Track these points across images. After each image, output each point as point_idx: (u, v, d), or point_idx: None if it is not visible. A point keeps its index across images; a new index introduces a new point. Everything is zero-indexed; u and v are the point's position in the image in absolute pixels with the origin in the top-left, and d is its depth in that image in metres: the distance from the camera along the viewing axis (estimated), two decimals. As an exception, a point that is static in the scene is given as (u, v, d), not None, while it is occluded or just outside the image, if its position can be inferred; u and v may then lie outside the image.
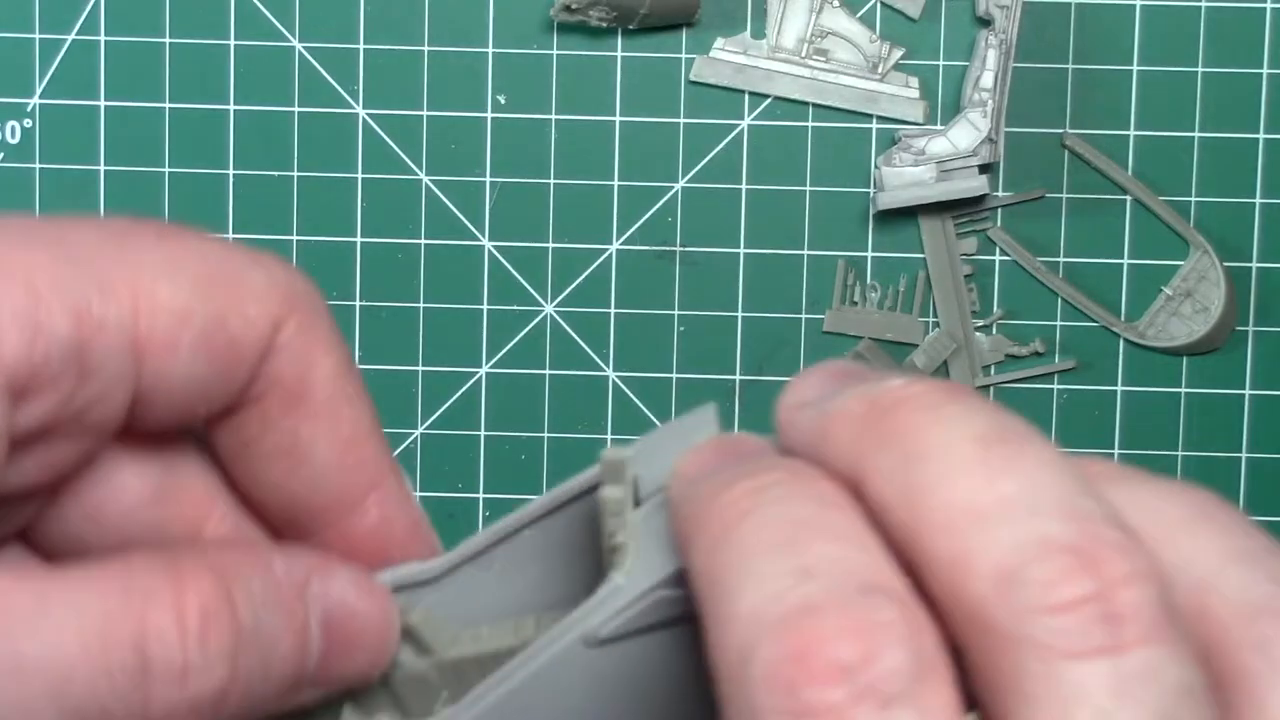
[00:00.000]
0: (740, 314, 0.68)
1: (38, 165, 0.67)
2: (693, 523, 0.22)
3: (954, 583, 0.20)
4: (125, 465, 0.27)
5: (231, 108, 0.67)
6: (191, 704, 0.23)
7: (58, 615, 0.22)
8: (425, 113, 0.67)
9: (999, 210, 0.67)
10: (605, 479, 0.25)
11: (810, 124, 0.67)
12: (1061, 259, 0.67)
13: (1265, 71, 0.67)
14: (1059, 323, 0.68)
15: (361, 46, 0.66)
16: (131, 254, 0.24)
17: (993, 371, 0.68)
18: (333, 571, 0.25)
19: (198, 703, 0.23)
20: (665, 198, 0.67)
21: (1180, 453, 0.68)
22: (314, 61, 0.67)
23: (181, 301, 0.24)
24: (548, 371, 0.68)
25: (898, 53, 0.67)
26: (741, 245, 0.67)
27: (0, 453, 0.23)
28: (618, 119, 0.67)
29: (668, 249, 0.68)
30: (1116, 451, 0.68)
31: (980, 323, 0.68)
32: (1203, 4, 0.67)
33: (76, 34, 0.66)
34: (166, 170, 0.67)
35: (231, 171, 0.67)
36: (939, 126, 0.66)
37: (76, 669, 0.22)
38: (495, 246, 0.67)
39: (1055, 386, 0.68)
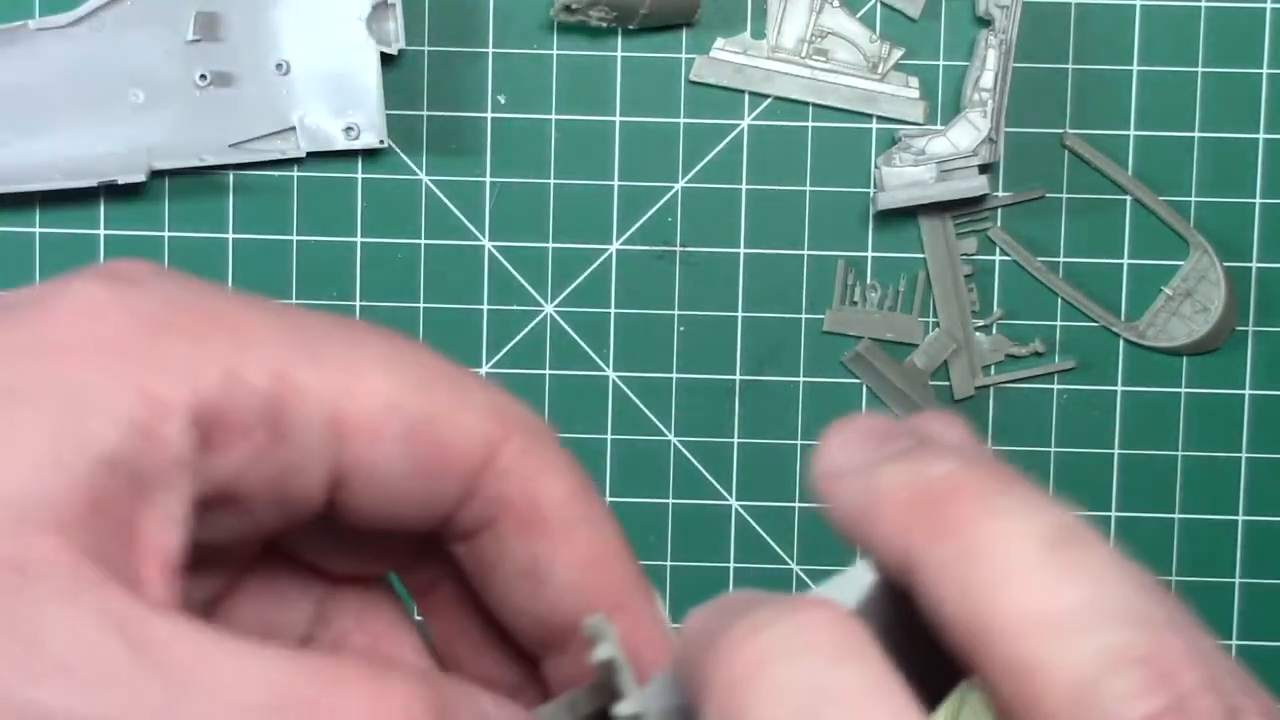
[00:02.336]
0: (740, 314, 0.68)
1: (38, 165, 0.67)
2: (699, 683, 0.21)
3: (1026, 692, 0.20)
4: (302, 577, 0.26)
5: (231, 108, 0.67)
6: None
7: (238, 669, 0.21)
8: (425, 113, 0.67)
9: (999, 210, 0.67)
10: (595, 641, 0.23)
11: (810, 124, 0.67)
12: (1061, 259, 0.67)
13: (1265, 71, 0.67)
14: (1059, 323, 0.68)
15: (361, 46, 0.67)
16: (348, 338, 0.24)
17: (993, 371, 0.68)
18: None
19: None
20: (665, 198, 0.67)
21: (1180, 453, 0.68)
22: (314, 61, 0.67)
23: (392, 392, 0.24)
24: (548, 371, 0.68)
25: (898, 53, 0.67)
26: (741, 245, 0.67)
27: (183, 493, 0.22)
28: (618, 119, 0.67)
29: (668, 249, 0.68)
30: (1116, 451, 0.68)
31: (980, 323, 0.68)
32: (1203, 4, 0.67)
33: None
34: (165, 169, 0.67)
35: (231, 175, 0.67)
36: (939, 126, 0.66)
37: None
38: (495, 246, 0.67)
39: (1055, 386, 0.68)
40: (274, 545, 0.26)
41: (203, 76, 0.66)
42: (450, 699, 0.22)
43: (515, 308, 0.68)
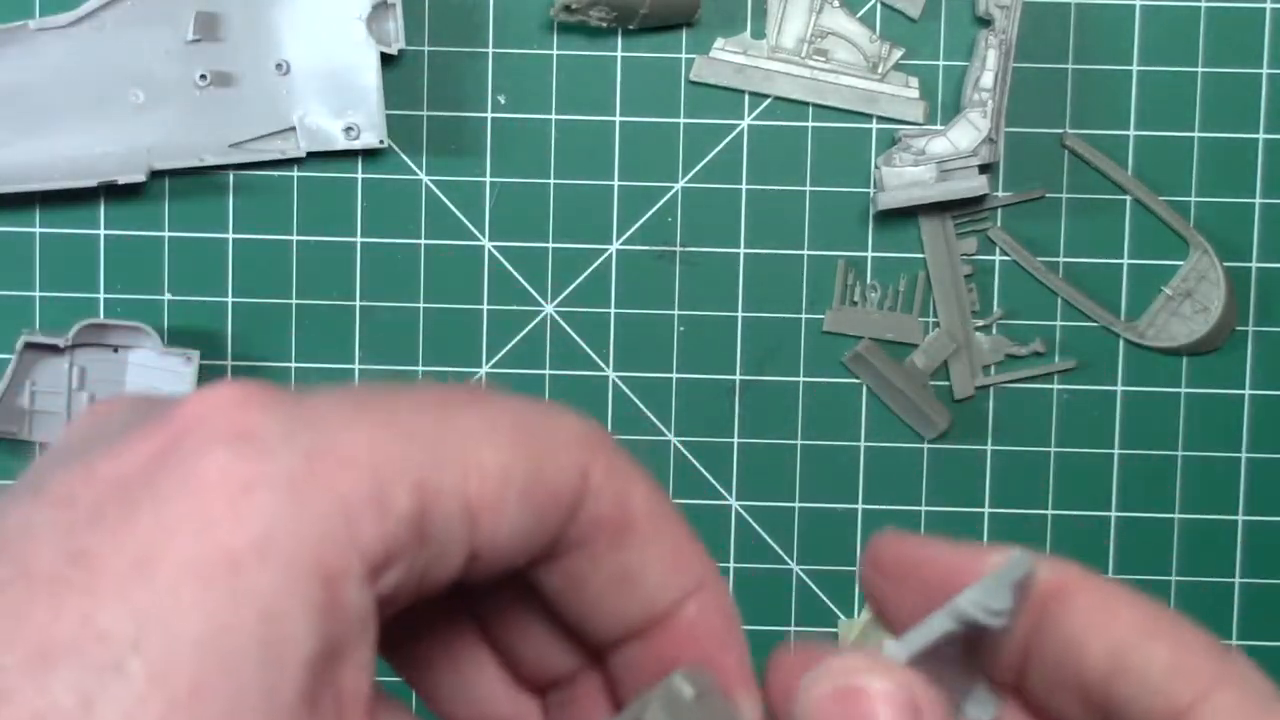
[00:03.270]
0: (740, 314, 0.68)
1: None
2: None
3: None
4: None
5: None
6: None
7: None
8: (425, 113, 0.67)
9: (999, 210, 0.67)
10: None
11: (810, 124, 0.67)
12: (1061, 259, 0.67)
13: (1265, 71, 0.67)
14: (1059, 323, 0.68)
15: (361, 46, 0.67)
16: (454, 421, 0.25)
17: (993, 371, 0.68)
18: None
19: None
20: (665, 198, 0.67)
21: (1180, 452, 0.68)
22: (314, 61, 0.67)
23: (504, 462, 0.25)
24: (548, 371, 0.68)
25: (898, 53, 0.67)
26: (741, 245, 0.67)
27: (369, 639, 0.23)
28: (618, 119, 0.67)
29: (668, 249, 0.68)
30: (1116, 451, 0.68)
31: (980, 323, 0.68)
32: (1203, 4, 0.67)
33: None
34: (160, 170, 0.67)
35: (231, 175, 0.67)
36: (939, 126, 0.66)
37: None
38: (495, 246, 0.67)
39: (1055, 386, 0.68)
40: None
41: (203, 76, 0.66)
42: None
43: (515, 308, 0.68)
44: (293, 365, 0.68)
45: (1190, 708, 0.25)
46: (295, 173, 0.67)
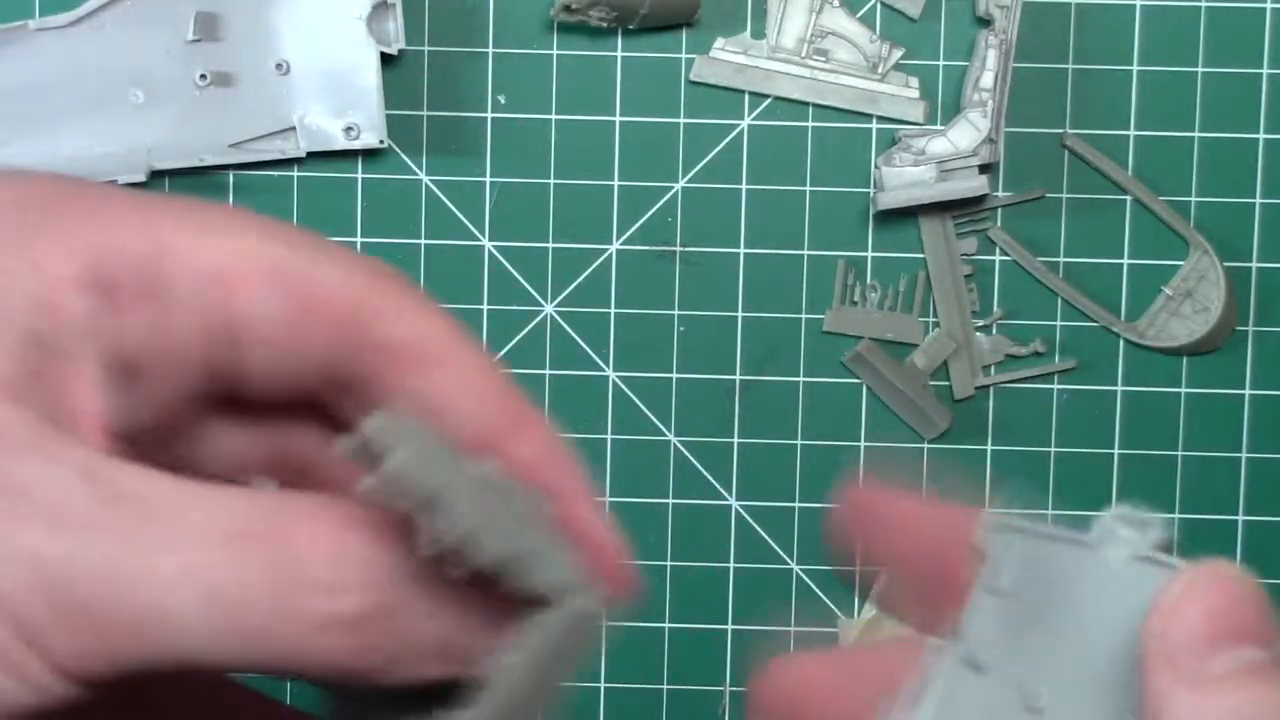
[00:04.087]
0: (740, 314, 0.68)
1: (38, 165, 0.67)
2: None
3: None
4: (239, 428, 0.28)
5: (231, 108, 0.67)
6: (337, 622, 0.23)
7: (203, 507, 0.23)
8: (425, 113, 0.67)
9: (999, 210, 0.67)
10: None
11: (810, 124, 0.67)
12: (1061, 259, 0.67)
13: (1265, 71, 0.67)
14: (1059, 323, 0.68)
15: (361, 46, 0.66)
16: (219, 210, 0.26)
17: (993, 371, 0.68)
18: None
19: (343, 621, 0.23)
20: (665, 198, 0.67)
21: (1180, 453, 0.68)
22: (314, 61, 0.67)
23: (266, 249, 0.25)
24: (548, 371, 0.68)
25: (898, 53, 0.67)
26: (741, 245, 0.67)
27: (93, 355, 0.24)
28: (618, 119, 0.67)
29: (668, 249, 0.68)
30: (1116, 451, 0.68)
31: (980, 323, 0.68)
32: (1203, 4, 0.67)
33: (76, 34, 0.66)
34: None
35: (231, 175, 0.67)
36: (939, 126, 0.66)
37: (215, 560, 0.22)
38: (495, 246, 0.67)
39: (1055, 386, 0.68)
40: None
41: (203, 76, 0.66)
42: (388, 525, 0.24)
43: (515, 308, 0.68)
44: (293, 365, 0.67)
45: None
46: (295, 173, 0.67)
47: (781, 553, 0.68)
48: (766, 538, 0.68)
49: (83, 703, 0.23)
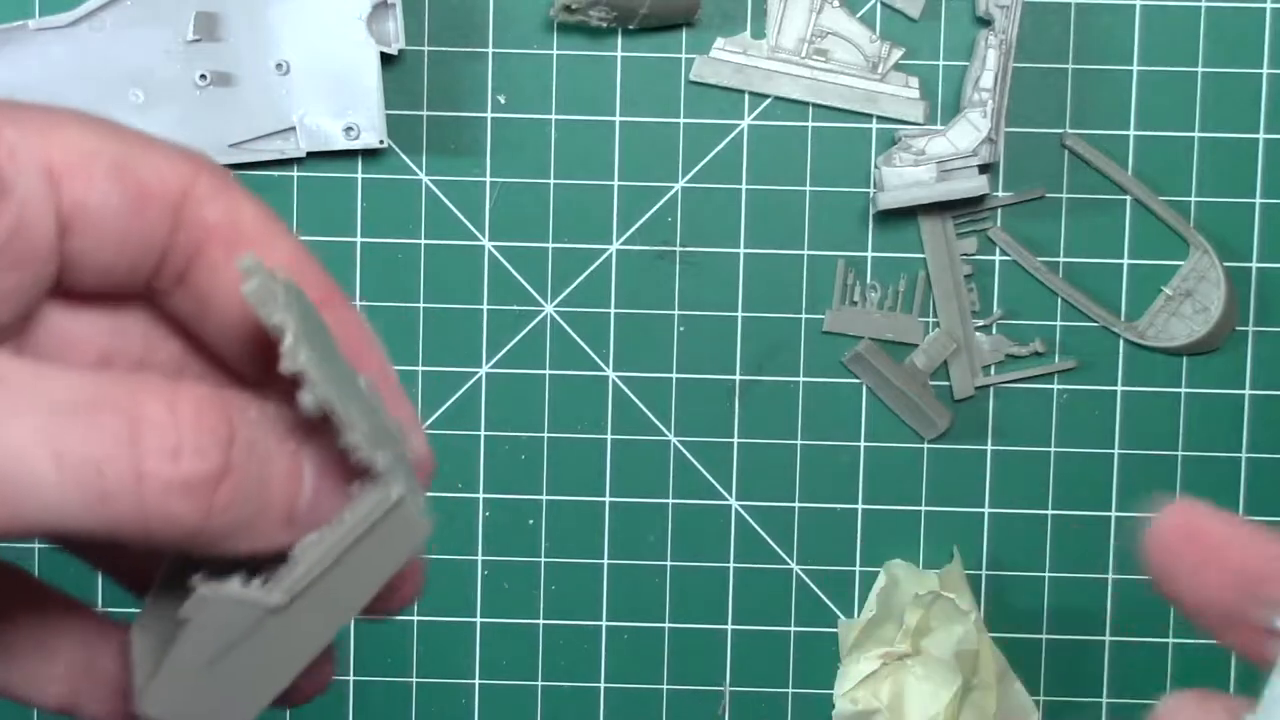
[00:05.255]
0: (740, 314, 0.68)
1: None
2: None
3: None
4: (77, 322, 0.29)
5: (231, 108, 0.67)
6: (184, 484, 0.24)
7: (57, 381, 0.24)
8: (425, 113, 0.67)
9: (999, 210, 0.67)
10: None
11: (810, 124, 0.67)
12: (1061, 259, 0.67)
13: (1265, 71, 0.67)
14: (1059, 323, 0.68)
15: (361, 46, 0.66)
16: (39, 107, 0.27)
17: (993, 371, 0.68)
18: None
19: (191, 484, 0.24)
20: (665, 198, 0.67)
21: (1180, 453, 0.68)
22: (314, 61, 0.67)
23: (91, 141, 0.27)
24: (548, 371, 0.68)
25: (898, 53, 0.67)
26: (741, 245, 0.67)
27: None
28: (618, 119, 0.67)
29: (668, 249, 0.68)
30: (1116, 451, 0.68)
31: (980, 323, 0.68)
32: (1203, 4, 0.67)
33: (76, 34, 0.66)
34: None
35: (231, 173, 0.67)
36: (939, 126, 0.66)
37: (66, 427, 0.23)
38: (495, 246, 0.67)
39: (1055, 386, 0.68)
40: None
41: (203, 76, 0.66)
42: (232, 400, 0.25)
43: (515, 308, 0.68)
44: (293, 365, 0.67)
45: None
46: (295, 173, 0.67)
47: (781, 553, 0.68)
48: (766, 538, 0.68)
49: None
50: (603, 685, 0.68)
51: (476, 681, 0.69)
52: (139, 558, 0.30)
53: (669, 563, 0.68)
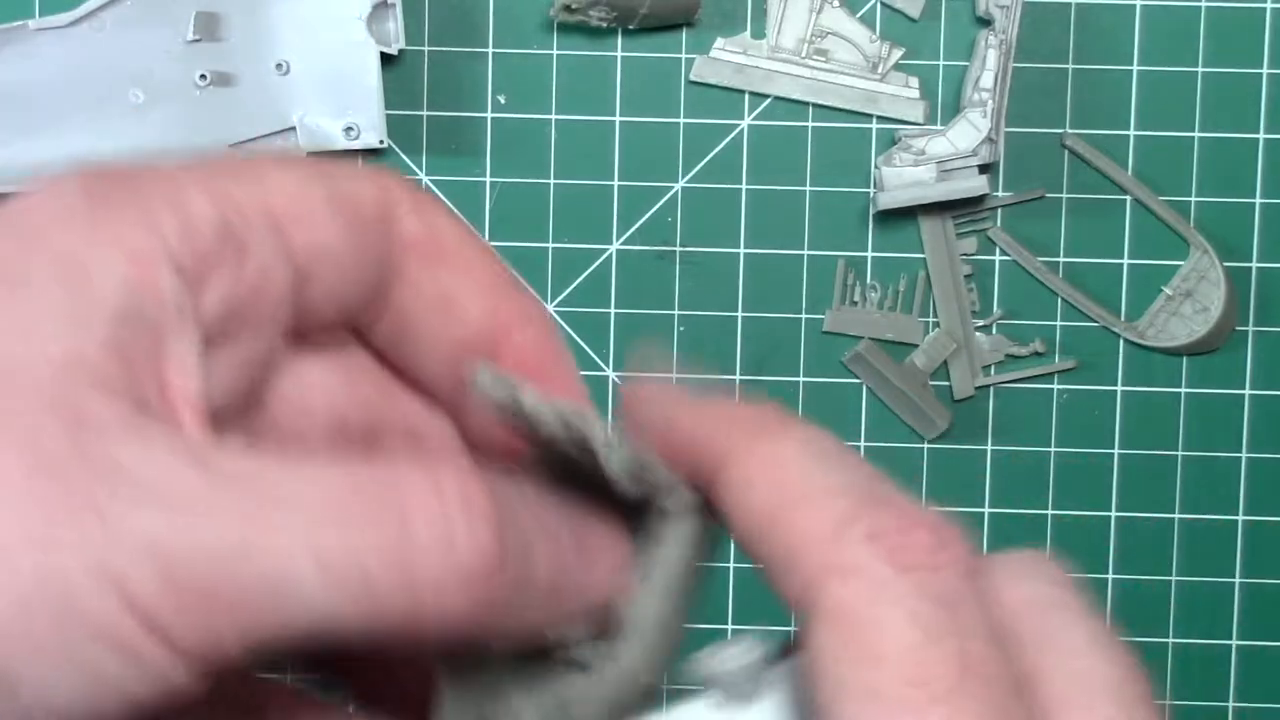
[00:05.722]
0: (740, 314, 0.68)
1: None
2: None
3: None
4: (308, 364, 0.28)
5: (231, 108, 0.67)
6: (462, 576, 0.22)
7: (308, 479, 0.22)
8: (425, 113, 0.67)
9: (999, 210, 0.67)
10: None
11: (810, 124, 0.67)
12: (1061, 259, 0.67)
13: (1265, 71, 0.67)
14: (1059, 323, 0.68)
15: (361, 46, 0.66)
16: (233, 160, 0.26)
17: (993, 371, 0.68)
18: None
19: (469, 575, 0.23)
20: (665, 198, 0.67)
21: (1180, 453, 0.68)
22: (314, 61, 0.67)
23: (299, 180, 0.26)
24: (548, 371, 0.68)
25: (898, 53, 0.67)
26: (741, 245, 0.67)
27: (191, 337, 0.24)
28: (618, 119, 0.67)
29: (668, 249, 0.68)
30: (1116, 451, 0.68)
31: (980, 323, 0.68)
32: (1203, 4, 0.67)
33: None
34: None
35: (231, 171, 0.67)
36: (939, 126, 0.66)
37: (327, 528, 0.22)
38: (495, 246, 0.67)
39: (1055, 386, 0.68)
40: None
41: (203, 76, 0.66)
42: (495, 482, 0.24)
43: (515, 308, 0.67)
44: (293, 365, 0.68)
45: (810, 603, 0.26)
46: (295, 173, 0.67)
47: (781, 553, 0.68)
48: (766, 538, 0.68)
49: (191, 700, 0.23)
50: (603, 685, 0.68)
51: (476, 681, 0.69)
52: (375, 664, 0.29)
53: (669, 563, 0.68)
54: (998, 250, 0.68)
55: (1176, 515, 0.68)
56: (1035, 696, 0.23)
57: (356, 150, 0.67)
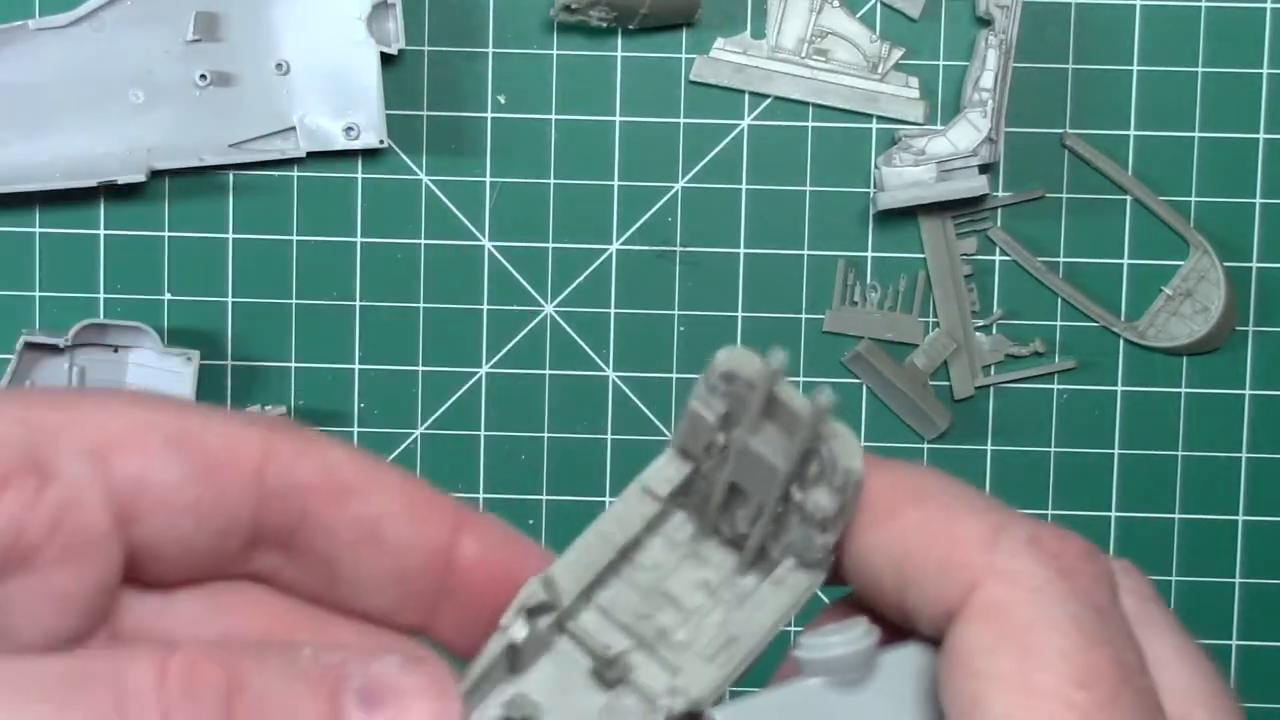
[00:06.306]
0: (740, 314, 0.68)
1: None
2: None
3: None
4: (171, 614, 0.26)
5: (231, 108, 0.67)
6: None
7: (32, 663, 0.22)
8: (425, 113, 0.67)
9: (999, 210, 0.67)
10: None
11: (810, 124, 0.67)
12: (1061, 259, 0.67)
13: (1265, 71, 0.67)
14: (1059, 323, 0.68)
15: (361, 46, 0.66)
16: (95, 393, 0.25)
17: (993, 371, 0.68)
18: (382, 656, 0.24)
19: None
20: (665, 198, 0.67)
21: (1180, 453, 0.68)
22: (314, 61, 0.67)
23: (143, 415, 0.25)
24: (548, 371, 0.68)
25: (898, 53, 0.67)
26: (741, 245, 0.67)
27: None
28: (618, 119, 0.67)
29: (668, 249, 0.68)
30: (1116, 451, 0.68)
31: (980, 323, 0.68)
32: (1203, 4, 0.67)
33: None
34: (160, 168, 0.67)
35: (231, 175, 0.67)
36: (939, 126, 0.66)
37: (43, 704, 0.22)
38: (495, 246, 0.67)
39: (1055, 386, 0.68)
40: None
41: (203, 76, 0.66)
42: (250, 651, 0.23)
43: (515, 308, 0.68)
44: (292, 365, 0.68)
45: (960, 603, 0.25)
46: (295, 173, 0.67)
47: (781, 553, 0.68)
48: (766, 538, 0.68)
49: None
50: (603, 685, 0.68)
51: (476, 681, 0.69)
52: None
53: (669, 563, 0.68)
54: (998, 250, 0.68)
55: (1176, 515, 0.68)
56: None
57: (356, 150, 0.67)
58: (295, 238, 0.67)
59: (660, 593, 0.27)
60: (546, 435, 0.67)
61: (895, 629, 0.26)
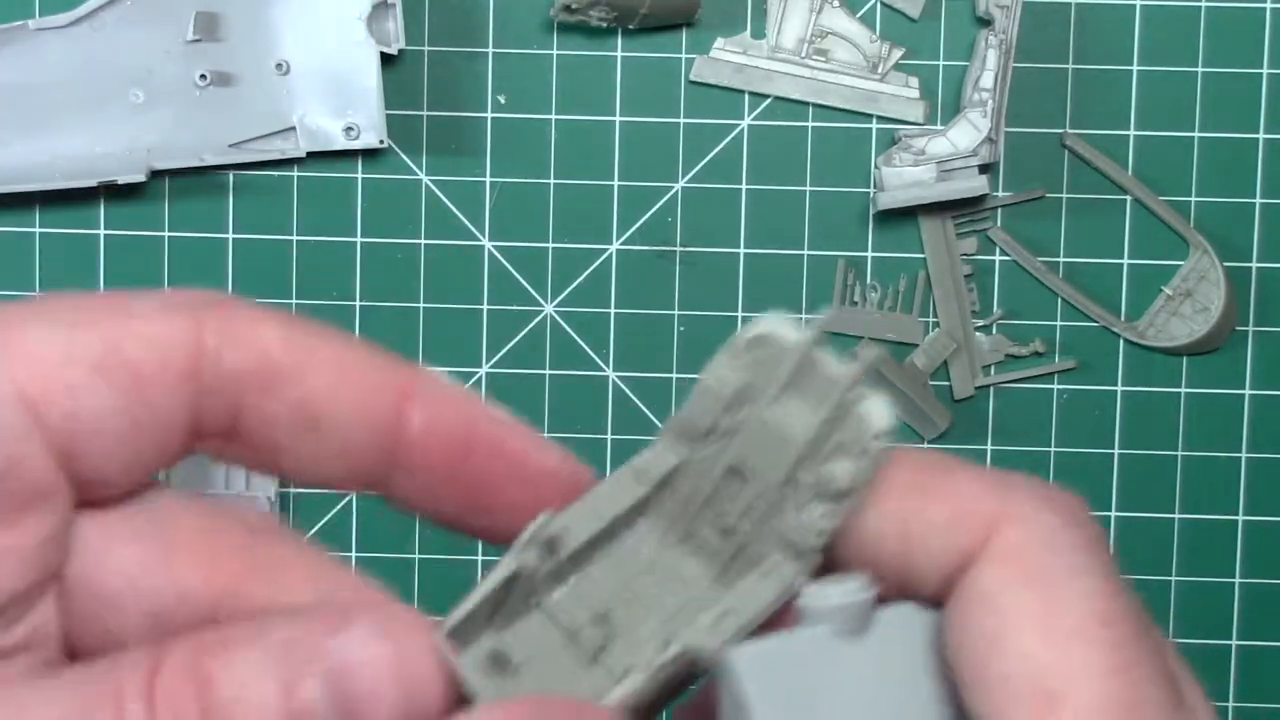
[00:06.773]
0: (740, 314, 0.68)
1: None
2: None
3: None
4: (112, 536, 0.25)
5: (231, 108, 0.67)
6: None
7: (32, 703, 0.23)
8: (425, 113, 0.67)
9: (999, 210, 0.67)
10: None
11: (810, 124, 0.67)
12: (1061, 259, 0.67)
13: (1265, 71, 0.67)
14: (1059, 323, 0.68)
15: (361, 46, 0.66)
16: (5, 319, 0.24)
17: (993, 371, 0.68)
18: (346, 627, 0.24)
19: None
20: (665, 198, 0.67)
21: (1180, 453, 0.68)
22: (314, 61, 0.67)
23: (59, 346, 0.24)
24: (548, 371, 0.68)
25: (898, 53, 0.67)
26: (741, 245, 0.67)
27: None
28: (618, 119, 0.67)
29: (668, 249, 0.68)
30: (1116, 451, 0.68)
31: (980, 323, 0.68)
32: (1203, 4, 0.67)
33: None
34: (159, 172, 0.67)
35: (231, 175, 0.67)
36: (939, 126, 0.66)
37: None
38: (495, 246, 0.67)
39: (1055, 386, 0.68)
40: None
41: (203, 76, 0.66)
42: (219, 656, 0.24)
43: (515, 308, 0.68)
44: (293, 365, 0.67)
45: (974, 550, 0.25)
46: (295, 173, 0.67)
47: (781, 553, 0.68)
48: (766, 538, 0.68)
49: None
50: (603, 685, 0.68)
51: (476, 681, 0.69)
52: None
53: (669, 563, 0.68)
54: (998, 250, 0.68)
55: (1176, 515, 0.68)
56: None
57: (356, 150, 0.67)
58: (295, 238, 0.67)
59: (632, 589, 0.27)
60: (546, 435, 0.67)
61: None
